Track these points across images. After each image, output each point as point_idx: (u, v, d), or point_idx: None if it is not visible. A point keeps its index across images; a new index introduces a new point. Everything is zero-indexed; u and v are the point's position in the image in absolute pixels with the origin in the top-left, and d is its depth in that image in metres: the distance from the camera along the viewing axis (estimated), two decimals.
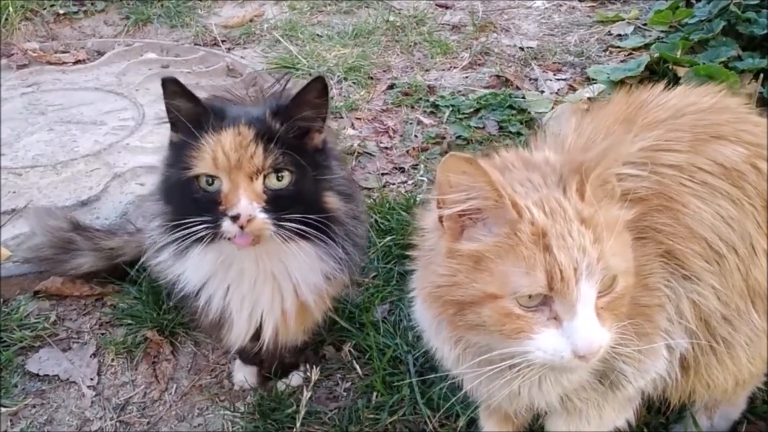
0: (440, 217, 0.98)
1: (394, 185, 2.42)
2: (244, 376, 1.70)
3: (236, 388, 1.70)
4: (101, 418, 1.65)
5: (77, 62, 3.36)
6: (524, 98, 2.89)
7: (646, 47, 3.22)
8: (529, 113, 2.77)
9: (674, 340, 1.11)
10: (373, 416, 1.57)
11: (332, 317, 1.68)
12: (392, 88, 3.07)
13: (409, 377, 1.63)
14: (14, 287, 1.95)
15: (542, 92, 3.00)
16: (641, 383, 1.15)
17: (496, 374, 1.01)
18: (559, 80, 3.11)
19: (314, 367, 1.60)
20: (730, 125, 1.14)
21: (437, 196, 0.96)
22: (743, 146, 1.12)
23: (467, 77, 3.18)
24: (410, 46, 3.48)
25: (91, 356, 1.79)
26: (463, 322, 0.97)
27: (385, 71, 3.24)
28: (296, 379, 1.69)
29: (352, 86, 3.08)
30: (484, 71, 3.23)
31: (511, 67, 3.25)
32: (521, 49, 3.41)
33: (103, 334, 1.85)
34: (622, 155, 0.97)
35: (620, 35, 3.50)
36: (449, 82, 3.13)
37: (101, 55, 3.43)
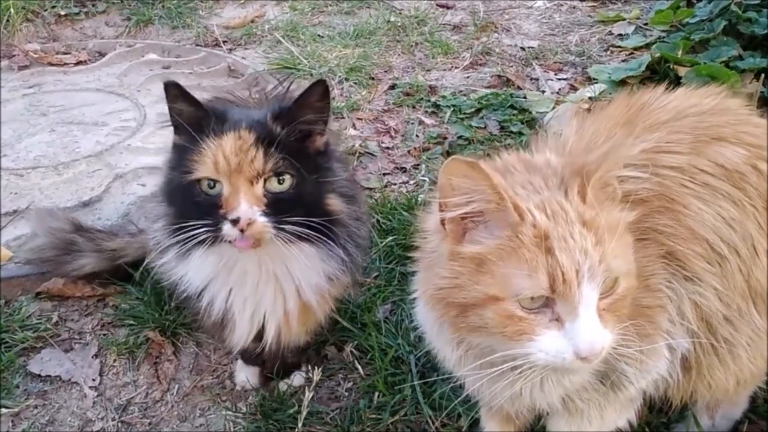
0: (442, 219, 0.98)
1: (395, 185, 2.42)
2: (245, 376, 1.70)
3: (238, 388, 1.71)
4: (103, 418, 1.65)
5: (78, 63, 3.35)
6: (525, 98, 2.89)
7: (647, 47, 3.21)
8: (530, 113, 2.77)
9: (676, 340, 1.11)
10: (375, 416, 1.57)
11: (334, 317, 1.69)
12: (393, 88, 3.07)
13: (410, 377, 1.63)
14: (16, 288, 1.95)
15: (543, 92, 3.00)
16: (643, 384, 1.15)
17: (498, 376, 1.01)
18: (560, 80, 3.11)
19: (316, 367, 1.61)
20: (730, 127, 1.15)
21: (439, 199, 0.96)
22: (744, 148, 1.12)
23: (468, 77, 3.18)
24: (411, 46, 3.48)
25: (93, 357, 1.79)
26: (465, 324, 0.97)
27: (386, 71, 3.24)
28: (298, 379, 1.70)
29: (353, 86, 3.08)
30: (485, 71, 3.22)
31: (512, 66, 3.25)
32: (522, 48, 3.41)
33: (105, 334, 1.85)
34: (623, 157, 0.97)
35: (621, 35, 3.50)
36: (450, 82, 3.13)
37: (102, 56, 3.42)
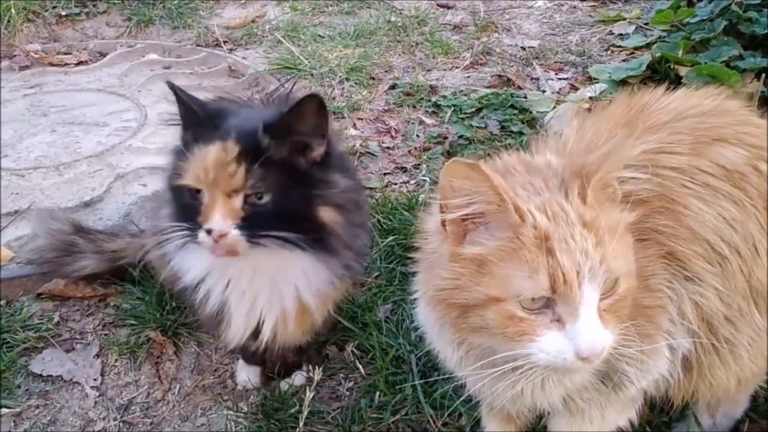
0: (443, 221, 0.98)
1: (396, 185, 2.43)
2: (247, 375, 1.70)
3: (239, 388, 1.71)
4: (104, 418, 1.65)
5: (79, 63, 3.35)
6: (526, 98, 2.89)
7: (647, 47, 3.21)
8: (530, 113, 2.77)
9: (676, 340, 1.11)
10: (376, 416, 1.58)
11: (334, 319, 1.69)
12: (394, 88, 3.07)
13: (412, 377, 1.64)
14: (17, 288, 1.96)
15: (544, 92, 3.00)
16: (643, 383, 1.15)
17: (499, 376, 1.01)
18: (560, 80, 3.11)
19: (317, 366, 1.62)
20: (731, 128, 1.15)
21: (440, 200, 0.97)
22: (744, 148, 1.12)
23: (469, 77, 3.19)
24: (412, 46, 3.48)
25: (94, 357, 1.79)
26: (466, 324, 0.97)
27: (386, 71, 3.24)
28: (299, 378, 1.70)
29: (354, 86, 3.08)
30: (485, 71, 3.23)
31: (512, 66, 3.25)
32: (523, 48, 3.41)
33: (106, 334, 1.86)
34: (623, 158, 0.98)
35: (622, 35, 3.50)
36: (451, 81, 3.14)
37: (103, 56, 3.42)
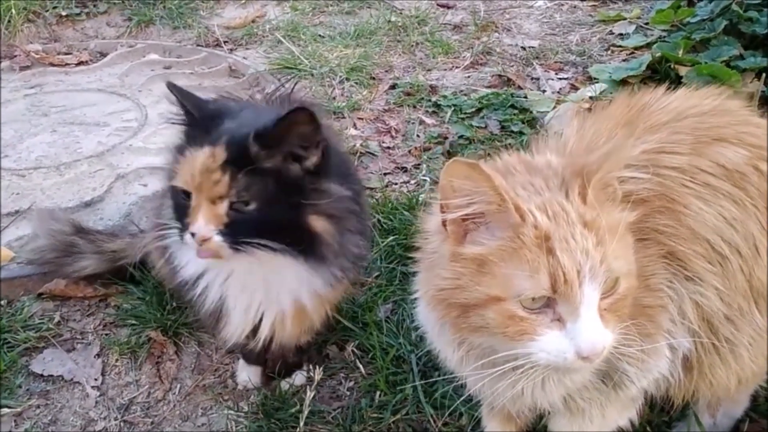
0: (444, 221, 0.98)
1: (396, 185, 2.43)
2: (247, 375, 1.71)
3: (240, 387, 1.71)
4: (105, 418, 1.65)
5: (80, 64, 3.35)
6: (526, 98, 2.89)
7: (647, 46, 3.21)
8: (531, 112, 2.77)
9: (677, 340, 1.11)
10: (376, 415, 1.58)
11: (335, 317, 1.69)
12: (394, 88, 3.07)
13: (412, 377, 1.64)
14: (18, 288, 1.96)
15: (544, 91, 3.00)
16: (644, 383, 1.15)
17: (499, 376, 1.01)
18: (560, 79, 3.11)
19: (317, 366, 1.62)
20: (731, 127, 1.15)
21: (440, 200, 0.97)
22: (745, 148, 1.12)
23: (469, 77, 3.19)
24: (412, 46, 3.48)
25: (95, 357, 1.80)
26: (466, 324, 0.97)
27: (387, 71, 3.24)
28: (299, 378, 1.70)
29: (354, 86, 3.08)
30: (485, 71, 3.23)
31: (512, 66, 3.25)
32: (523, 48, 3.41)
33: (107, 334, 1.86)
34: (624, 158, 0.98)
35: (622, 34, 3.50)
36: (451, 81, 3.14)
37: (104, 56, 3.42)
